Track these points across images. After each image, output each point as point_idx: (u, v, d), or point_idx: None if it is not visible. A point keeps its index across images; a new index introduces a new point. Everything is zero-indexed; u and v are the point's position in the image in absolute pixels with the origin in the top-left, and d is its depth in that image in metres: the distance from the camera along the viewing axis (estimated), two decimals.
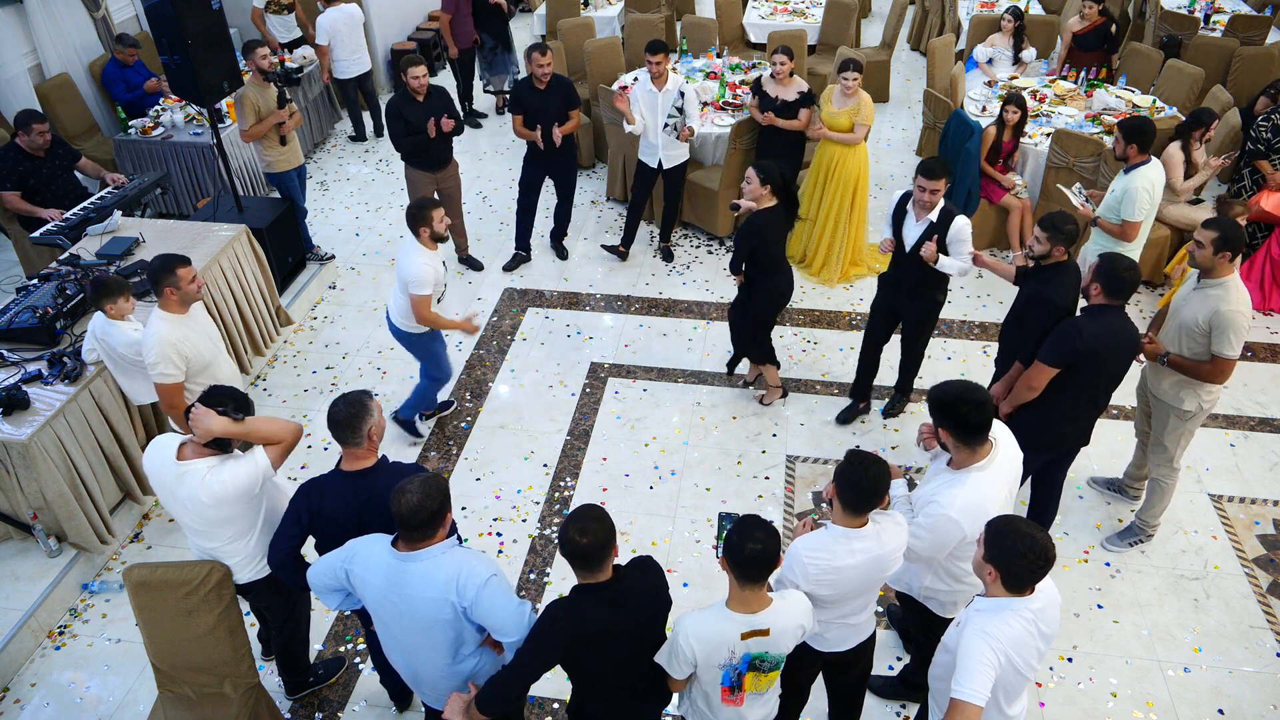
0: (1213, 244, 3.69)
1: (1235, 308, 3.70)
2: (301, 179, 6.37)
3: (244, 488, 3.01)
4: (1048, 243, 3.87)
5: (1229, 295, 3.72)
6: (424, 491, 2.54)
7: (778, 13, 9.55)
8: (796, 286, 5.78)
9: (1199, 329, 3.78)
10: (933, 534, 2.88)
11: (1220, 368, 3.79)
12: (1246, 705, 3.76)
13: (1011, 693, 2.54)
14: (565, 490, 4.84)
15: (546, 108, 5.98)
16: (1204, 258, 3.73)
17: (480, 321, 6.13)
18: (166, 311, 3.79)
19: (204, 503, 3.00)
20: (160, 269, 3.69)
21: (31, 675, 3.94)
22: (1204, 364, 3.82)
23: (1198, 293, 3.83)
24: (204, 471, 2.99)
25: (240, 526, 3.13)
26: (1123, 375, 3.72)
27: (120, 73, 7.32)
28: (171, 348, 3.75)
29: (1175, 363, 3.89)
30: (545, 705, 3.79)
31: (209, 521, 3.08)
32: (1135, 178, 4.79)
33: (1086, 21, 7.82)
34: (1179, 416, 4.03)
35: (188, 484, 3.00)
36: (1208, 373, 3.83)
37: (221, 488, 2.98)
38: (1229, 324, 3.70)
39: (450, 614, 2.62)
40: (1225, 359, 3.76)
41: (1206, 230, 3.72)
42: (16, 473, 4.03)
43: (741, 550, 2.47)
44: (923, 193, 4.35)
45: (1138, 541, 4.41)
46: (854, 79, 5.79)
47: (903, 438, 5.14)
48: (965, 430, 2.83)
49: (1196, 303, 3.80)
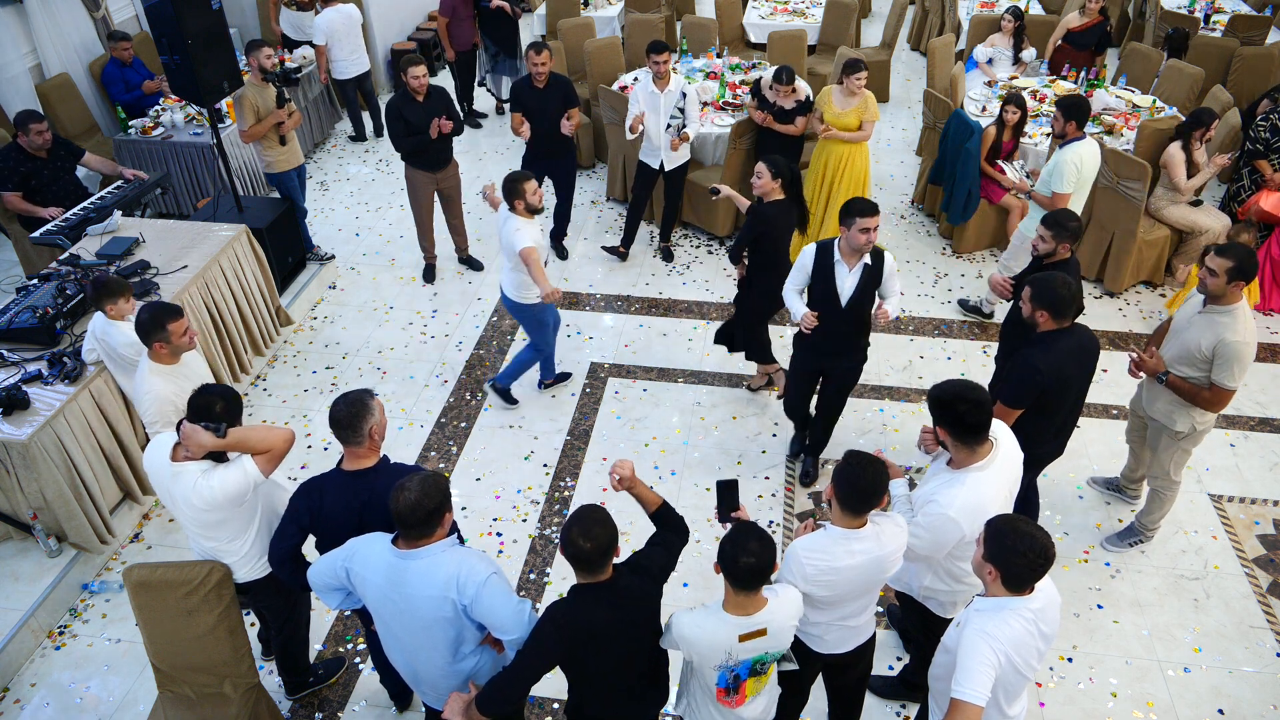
0: (1227, 273, 3.54)
1: (1242, 338, 3.57)
2: (301, 179, 6.37)
3: (233, 494, 3.02)
4: (1052, 240, 3.87)
5: (1237, 325, 3.59)
6: (422, 489, 2.55)
7: (778, 13, 9.55)
8: None
9: (1201, 355, 3.67)
10: (932, 533, 2.88)
11: (1219, 397, 3.69)
12: (1246, 705, 3.76)
13: (1011, 693, 2.54)
14: (565, 490, 4.84)
15: (545, 107, 5.98)
16: (1216, 286, 3.58)
17: (481, 323, 6.15)
18: (158, 364, 3.56)
19: (196, 505, 3.01)
20: (150, 323, 3.46)
21: (31, 675, 3.95)
22: (1202, 390, 3.72)
23: (1204, 317, 3.70)
24: (196, 475, 3.00)
25: (235, 528, 3.14)
26: (1089, 384, 3.64)
27: (120, 72, 7.32)
28: (169, 404, 3.53)
29: (1174, 384, 3.78)
30: (545, 705, 3.79)
31: (202, 524, 3.09)
32: (1066, 152, 5.08)
33: (1086, 18, 7.81)
34: (1172, 437, 3.96)
35: (181, 485, 3.01)
36: (1205, 400, 3.73)
37: (211, 493, 2.99)
38: (1235, 355, 3.58)
39: (450, 612, 2.62)
40: (1225, 389, 3.66)
41: (1221, 259, 3.54)
42: (16, 473, 4.03)
43: (735, 562, 2.47)
44: (863, 234, 3.88)
45: (1137, 542, 4.40)
46: (859, 79, 5.81)
47: (902, 438, 5.14)
48: (963, 429, 2.83)
49: (1201, 327, 3.68)
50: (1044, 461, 3.88)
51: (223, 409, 3.00)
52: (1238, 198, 6.35)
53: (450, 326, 6.13)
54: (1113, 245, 6.14)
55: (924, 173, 7.29)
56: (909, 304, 6.25)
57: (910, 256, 6.80)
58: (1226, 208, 6.55)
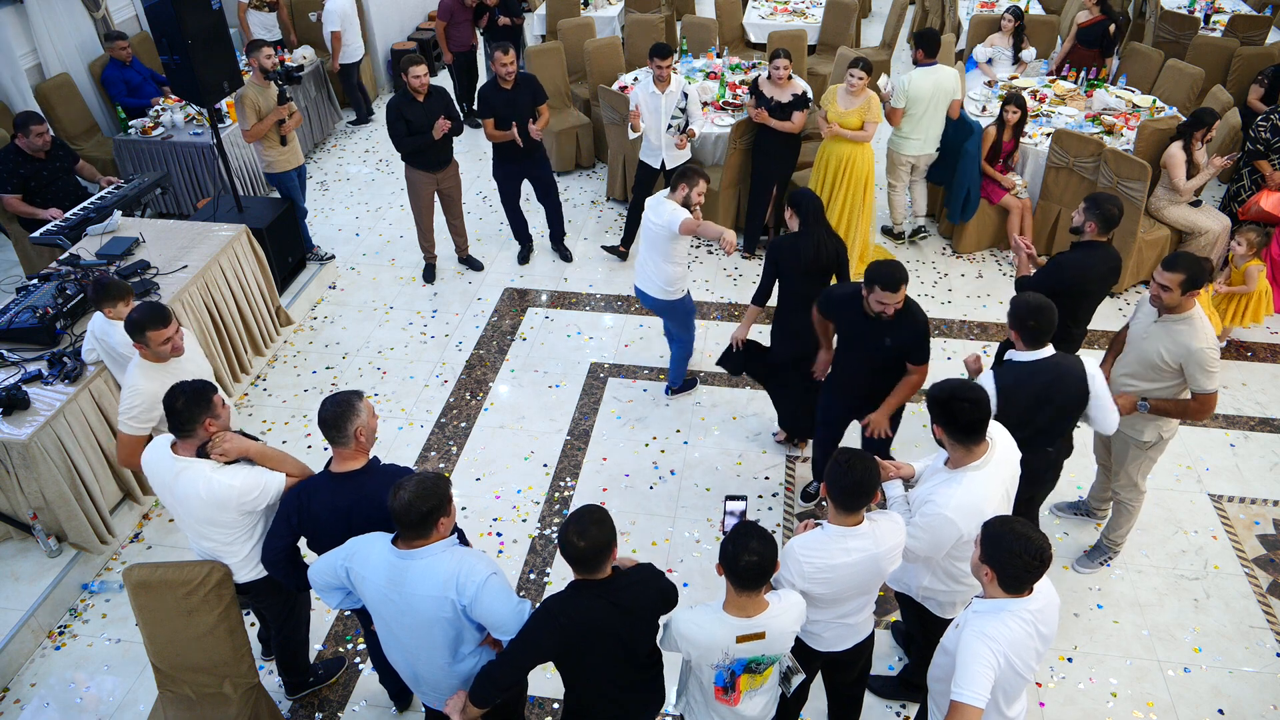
0: (1180, 286, 3.46)
1: (1206, 344, 3.53)
2: (301, 179, 6.37)
3: (243, 491, 3.00)
4: (1083, 215, 4.07)
5: (1197, 332, 3.53)
6: (417, 491, 2.54)
7: (778, 13, 9.55)
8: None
9: (1166, 366, 3.62)
10: (929, 533, 2.88)
11: (1205, 405, 3.64)
12: (1246, 705, 3.76)
13: (1011, 694, 2.54)
14: (565, 490, 4.84)
15: (516, 107, 5.96)
16: (1171, 300, 3.50)
17: (481, 323, 6.15)
18: (144, 361, 3.56)
19: (204, 500, 2.99)
20: (132, 326, 3.47)
21: (31, 675, 3.95)
22: (1188, 404, 3.67)
23: (1160, 327, 3.62)
24: (207, 471, 2.99)
25: (237, 531, 3.12)
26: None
27: (120, 73, 7.33)
28: (149, 399, 3.47)
29: (1158, 408, 3.71)
30: (545, 705, 3.79)
31: (202, 521, 3.08)
32: (907, 74, 6.08)
33: (1092, 15, 7.82)
34: (1139, 447, 3.90)
35: (187, 481, 3.00)
36: (1194, 411, 3.67)
37: (223, 489, 2.98)
38: (1206, 361, 3.53)
39: (450, 612, 2.62)
40: (1208, 394, 3.62)
41: (1171, 274, 3.45)
42: (16, 473, 4.03)
43: (737, 561, 2.47)
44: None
45: (1106, 560, 4.33)
46: (860, 78, 5.79)
47: (902, 439, 5.13)
48: (958, 428, 2.83)
49: (1160, 337, 3.62)
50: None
51: (183, 404, 2.98)
52: (1238, 198, 6.35)
53: (450, 326, 6.13)
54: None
55: None
56: None
57: (910, 256, 6.80)
58: (1226, 208, 6.55)
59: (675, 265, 4.80)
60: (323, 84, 8.66)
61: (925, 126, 6.26)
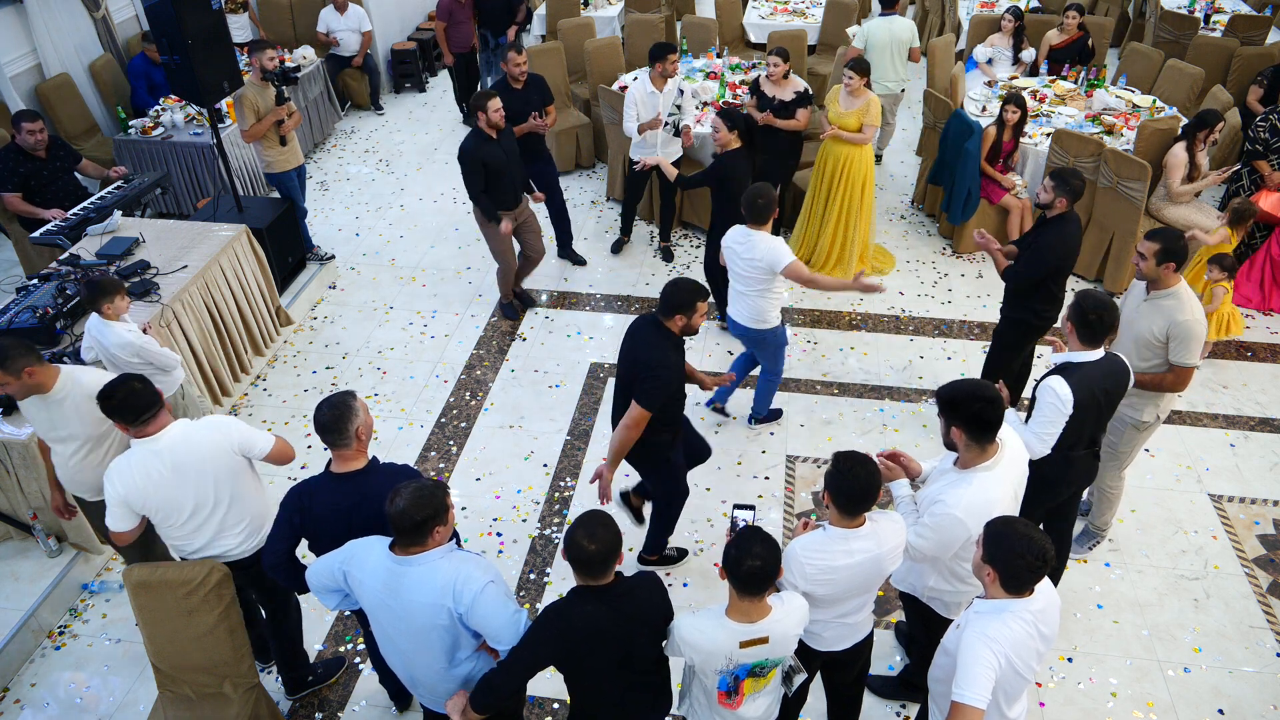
0: (1155, 256, 3.64)
1: (1193, 316, 3.65)
2: (301, 179, 6.37)
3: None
4: (1053, 191, 4.17)
5: (1184, 305, 3.66)
6: (412, 500, 2.52)
7: (778, 13, 9.55)
8: (797, 287, 5.74)
9: (1157, 341, 3.72)
10: (938, 534, 2.88)
11: (1181, 377, 3.73)
12: (1246, 705, 3.76)
13: (1011, 694, 2.54)
14: (565, 490, 4.84)
15: (526, 106, 5.96)
16: (1148, 269, 3.69)
17: (481, 322, 6.14)
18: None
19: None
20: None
21: (31, 675, 3.95)
22: (1165, 376, 3.76)
23: (1149, 304, 3.76)
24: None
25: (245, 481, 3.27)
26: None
27: (146, 68, 7.35)
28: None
29: (1140, 381, 3.78)
30: (545, 705, 3.79)
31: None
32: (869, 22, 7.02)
33: (1065, 35, 7.80)
34: (1137, 427, 3.98)
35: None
36: (1170, 383, 3.76)
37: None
38: (1189, 333, 3.64)
39: (446, 619, 2.60)
40: (1186, 368, 3.70)
41: (1149, 242, 3.67)
42: (16, 473, 4.03)
43: (740, 566, 2.46)
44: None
45: (1094, 544, 4.40)
46: (852, 78, 5.79)
47: (902, 438, 5.14)
48: (978, 427, 2.83)
49: (1150, 315, 3.74)
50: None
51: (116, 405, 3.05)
52: (1237, 198, 6.34)
53: (450, 326, 6.13)
54: (1113, 245, 6.14)
55: (924, 173, 7.30)
56: (909, 304, 6.25)
57: (910, 256, 6.80)
58: (1226, 208, 6.55)
59: (765, 300, 4.55)
60: (323, 84, 8.67)
61: (883, 68, 7.14)
